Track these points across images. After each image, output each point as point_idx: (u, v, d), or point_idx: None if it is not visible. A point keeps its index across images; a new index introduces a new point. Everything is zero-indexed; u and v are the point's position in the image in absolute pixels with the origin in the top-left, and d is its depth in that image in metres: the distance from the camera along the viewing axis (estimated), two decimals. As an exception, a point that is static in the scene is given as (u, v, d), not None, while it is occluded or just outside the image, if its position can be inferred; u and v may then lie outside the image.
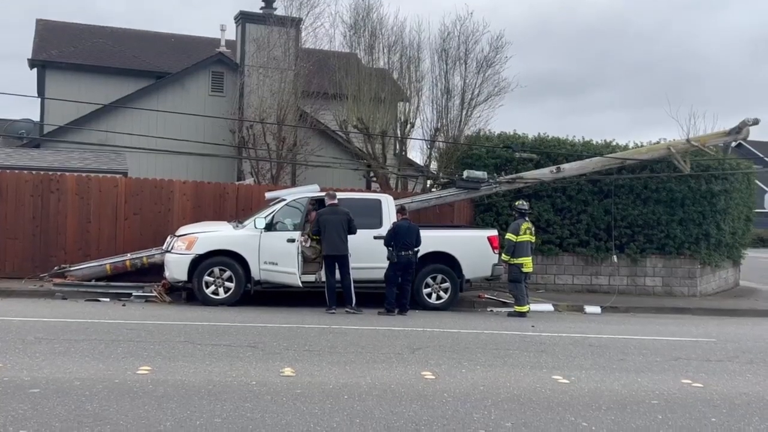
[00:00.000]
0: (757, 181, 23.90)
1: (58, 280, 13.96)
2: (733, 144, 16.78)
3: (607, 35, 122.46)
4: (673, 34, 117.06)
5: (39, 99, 22.08)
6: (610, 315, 14.75)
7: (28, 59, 22.27)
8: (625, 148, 17.61)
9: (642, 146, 17.11)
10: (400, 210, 13.72)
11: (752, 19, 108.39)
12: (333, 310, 12.60)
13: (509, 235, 13.63)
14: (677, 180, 17.41)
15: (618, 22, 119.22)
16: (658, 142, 17.02)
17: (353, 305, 12.74)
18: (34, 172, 15.80)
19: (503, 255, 13.71)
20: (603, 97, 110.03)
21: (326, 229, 12.76)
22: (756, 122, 15.96)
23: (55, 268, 14.52)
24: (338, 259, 12.79)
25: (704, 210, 17.91)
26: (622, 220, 17.67)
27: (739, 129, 15.93)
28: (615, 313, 15.09)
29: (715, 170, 17.75)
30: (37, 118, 22.71)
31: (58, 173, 15.80)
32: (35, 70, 22.55)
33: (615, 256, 17.38)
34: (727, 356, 9.84)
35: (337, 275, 12.88)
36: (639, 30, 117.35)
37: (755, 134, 17.21)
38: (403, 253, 12.99)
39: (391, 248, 13.01)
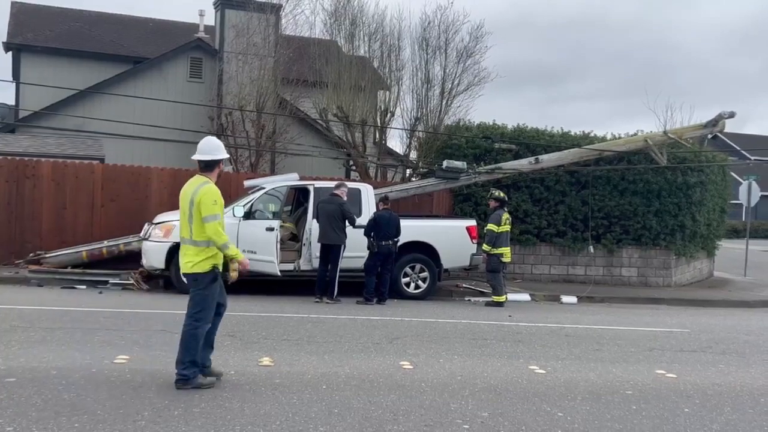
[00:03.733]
0: (732, 173, 24.17)
1: (33, 267, 13.82)
2: (709, 136, 16.97)
3: (585, 25, 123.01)
4: (650, 25, 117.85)
5: (14, 83, 21.77)
6: (586, 305, 14.90)
7: (3, 42, 21.94)
8: (603, 139, 17.75)
9: (620, 138, 17.24)
10: (383, 200, 13.73)
11: (725, 14, 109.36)
12: (318, 300, 12.67)
13: (491, 226, 13.65)
14: (654, 172, 17.58)
15: (597, 12, 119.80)
16: (635, 134, 17.16)
17: (333, 297, 12.75)
18: (9, 157, 15.57)
19: (484, 245, 13.72)
20: (582, 87, 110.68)
21: (320, 218, 12.86)
22: (732, 115, 16.16)
23: (31, 254, 14.35)
24: (329, 248, 12.82)
25: (680, 201, 18.11)
26: (599, 211, 17.82)
27: (716, 122, 16.13)
28: (591, 303, 15.24)
29: (692, 162, 17.95)
30: (12, 102, 22.40)
31: (34, 159, 15.62)
32: (10, 53, 22.22)
33: (591, 247, 17.57)
34: (701, 347, 10.00)
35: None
36: (617, 20, 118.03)
37: (731, 126, 17.44)
38: (383, 243, 13.02)
39: (371, 238, 13.04)
